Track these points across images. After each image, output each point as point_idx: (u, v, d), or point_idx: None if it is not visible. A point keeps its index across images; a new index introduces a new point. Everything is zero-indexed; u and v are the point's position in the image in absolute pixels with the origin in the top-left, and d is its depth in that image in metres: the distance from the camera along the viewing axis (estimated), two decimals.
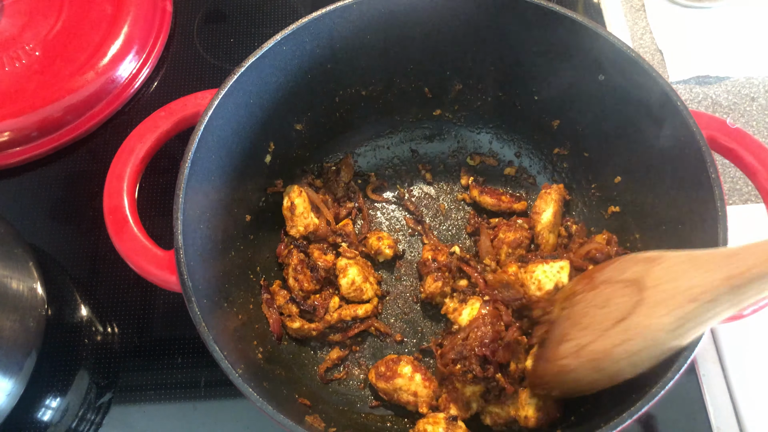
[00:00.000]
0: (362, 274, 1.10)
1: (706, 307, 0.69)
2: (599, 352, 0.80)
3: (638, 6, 1.52)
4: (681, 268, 0.74)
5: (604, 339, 0.79)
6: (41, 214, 1.27)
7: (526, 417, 0.94)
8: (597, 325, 0.81)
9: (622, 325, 0.77)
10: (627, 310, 0.77)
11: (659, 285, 0.75)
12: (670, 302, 0.72)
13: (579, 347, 0.83)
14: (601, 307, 0.83)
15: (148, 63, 1.40)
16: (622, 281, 0.81)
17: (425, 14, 1.07)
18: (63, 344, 1.13)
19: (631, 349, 0.76)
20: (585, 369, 0.82)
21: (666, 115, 0.94)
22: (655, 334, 0.74)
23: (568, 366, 0.84)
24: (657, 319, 0.73)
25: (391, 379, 1.00)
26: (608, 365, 0.80)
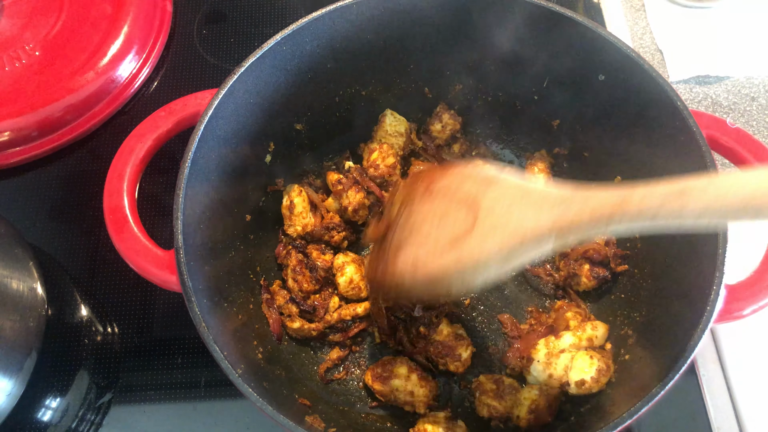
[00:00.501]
0: (360, 272, 1.10)
1: (532, 244, 0.74)
2: (434, 269, 0.82)
3: (638, 6, 1.52)
4: (513, 201, 0.77)
5: (439, 258, 0.81)
6: (41, 214, 1.27)
7: (518, 417, 0.95)
8: (433, 241, 0.83)
9: (457, 248, 0.80)
10: (461, 231, 0.80)
11: (491, 215, 0.78)
12: (500, 235, 0.76)
13: (415, 263, 0.84)
14: (438, 219, 0.84)
15: (148, 63, 1.40)
16: (458, 198, 0.83)
17: (425, 14, 1.07)
18: (63, 344, 1.13)
19: (464, 271, 0.80)
20: (420, 285, 0.85)
21: (666, 115, 0.94)
22: (486, 261, 0.77)
23: (404, 282, 0.86)
24: (488, 249, 0.77)
25: (387, 381, 1.00)
26: (441, 281, 0.82)
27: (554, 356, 0.98)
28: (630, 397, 0.82)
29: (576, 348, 0.99)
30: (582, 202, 0.71)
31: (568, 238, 0.72)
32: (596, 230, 0.70)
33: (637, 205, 0.66)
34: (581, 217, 0.70)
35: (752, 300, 0.86)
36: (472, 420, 1.03)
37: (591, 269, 1.07)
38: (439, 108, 1.22)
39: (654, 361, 0.88)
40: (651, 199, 0.65)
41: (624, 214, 0.67)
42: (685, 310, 0.87)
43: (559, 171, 1.21)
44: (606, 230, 0.70)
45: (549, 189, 0.77)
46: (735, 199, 0.60)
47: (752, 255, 0.91)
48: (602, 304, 1.09)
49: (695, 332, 0.80)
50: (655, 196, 0.65)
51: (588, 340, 1.00)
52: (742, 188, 0.60)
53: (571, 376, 0.96)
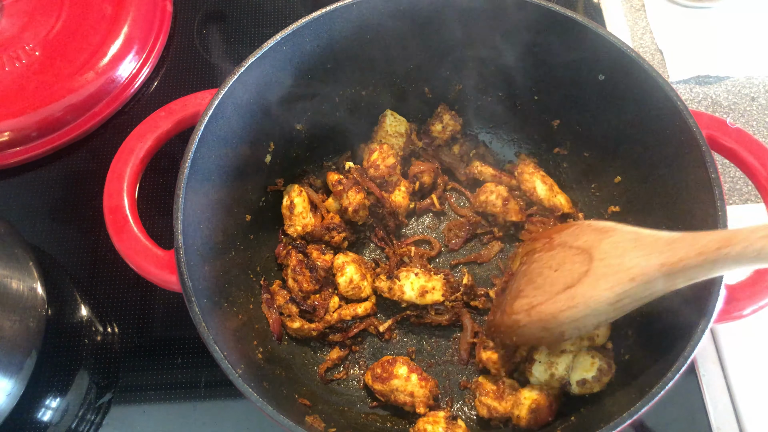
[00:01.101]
0: (360, 271, 1.10)
1: (643, 287, 0.78)
2: (547, 314, 0.88)
3: (638, 6, 1.52)
4: (626, 246, 0.82)
5: (553, 303, 0.87)
6: (41, 214, 1.27)
7: (518, 416, 0.95)
8: (549, 287, 0.90)
9: (570, 292, 0.85)
10: (576, 278, 0.85)
11: (606, 258, 0.83)
12: (612, 278, 0.81)
13: (530, 306, 0.91)
14: (554, 269, 0.91)
15: (148, 63, 1.40)
16: (575, 247, 0.89)
17: (425, 14, 1.07)
18: (63, 344, 1.13)
19: (575, 316, 0.85)
20: (534, 327, 0.90)
21: (666, 115, 0.94)
22: (597, 305, 0.82)
23: (519, 322, 0.92)
24: (600, 291, 0.82)
25: (387, 381, 1.00)
26: (554, 326, 0.88)
27: (556, 356, 0.98)
28: (630, 397, 0.82)
29: (577, 348, 0.99)
30: (689, 244, 0.74)
31: (676, 279, 0.75)
32: (703, 271, 0.73)
33: (742, 243, 0.69)
34: (689, 258, 0.73)
35: (752, 300, 0.86)
36: (472, 420, 1.03)
37: None
38: (440, 108, 1.22)
39: (654, 361, 0.88)
40: (754, 239, 0.68)
41: (729, 252, 0.70)
42: (685, 310, 0.87)
43: (559, 171, 1.21)
44: (713, 272, 0.73)
45: (660, 233, 0.80)
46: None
47: None
48: None
49: (695, 332, 0.80)
50: (758, 236, 0.68)
51: (589, 339, 1.00)
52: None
53: (572, 376, 0.96)
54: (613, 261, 0.82)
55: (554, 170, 1.21)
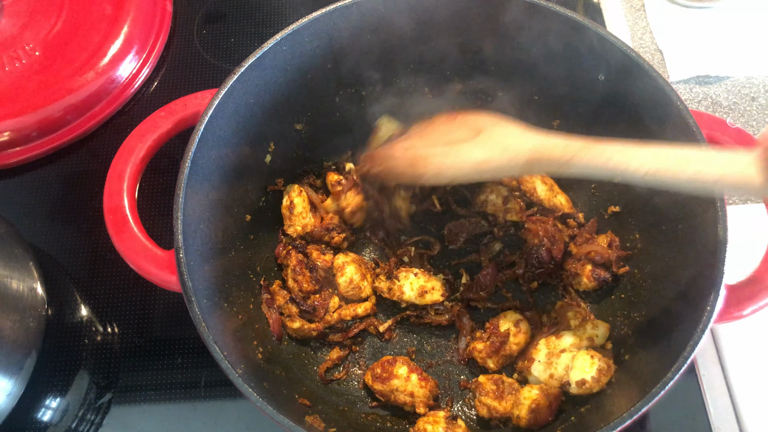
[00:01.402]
0: (360, 272, 1.10)
1: (506, 161, 0.90)
2: (420, 155, 0.99)
3: (638, 6, 1.52)
4: (513, 131, 0.93)
5: (430, 149, 0.99)
6: (41, 214, 1.27)
7: (518, 416, 0.95)
8: (432, 140, 1.02)
9: (447, 147, 0.97)
10: (458, 141, 0.97)
11: (492, 136, 0.94)
12: (487, 145, 0.93)
13: (410, 147, 1.02)
14: (445, 133, 1.01)
15: (148, 63, 1.40)
16: (470, 125, 0.99)
17: (425, 14, 1.07)
18: (63, 344, 1.13)
19: (441, 163, 0.95)
20: (403, 162, 1.01)
21: (666, 115, 0.94)
22: (464, 160, 0.93)
23: (394, 155, 1.04)
24: (471, 152, 0.93)
25: (387, 381, 1.00)
26: (419, 167, 0.98)
27: (555, 356, 0.98)
28: (630, 397, 0.82)
29: (576, 347, 0.99)
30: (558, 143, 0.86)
31: (535, 167, 0.89)
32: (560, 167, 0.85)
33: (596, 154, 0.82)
34: (552, 152, 0.86)
35: (752, 300, 0.86)
36: (472, 420, 1.03)
37: (593, 270, 1.07)
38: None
39: (654, 361, 0.89)
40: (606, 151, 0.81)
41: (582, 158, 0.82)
42: (685, 310, 0.87)
43: None
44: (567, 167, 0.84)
45: (544, 133, 0.90)
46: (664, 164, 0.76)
47: (752, 255, 0.91)
48: (602, 304, 1.10)
49: (695, 332, 0.80)
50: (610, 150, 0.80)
51: (588, 339, 1.00)
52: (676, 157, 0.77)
53: (571, 376, 0.96)
54: (495, 138, 0.93)
55: None
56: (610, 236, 1.10)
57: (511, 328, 1.02)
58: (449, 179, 0.98)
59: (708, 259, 0.85)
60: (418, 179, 1.02)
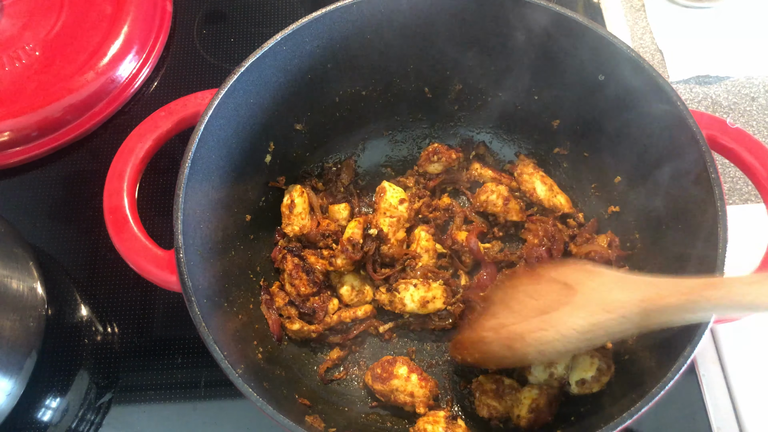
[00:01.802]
0: (358, 277, 1.10)
1: (618, 321, 0.78)
2: (515, 333, 0.87)
3: (638, 6, 1.52)
4: (611, 285, 0.82)
5: (525, 324, 0.87)
6: (41, 214, 1.27)
7: (518, 416, 0.95)
8: (524, 311, 0.90)
9: (544, 317, 0.85)
10: (553, 307, 0.85)
11: (588, 293, 0.83)
12: (589, 308, 0.81)
13: (501, 325, 0.90)
14: (534, 298, 0.90)
15: (148, 63, 1.40)
16: (560, 282, 0.88)
17: (425, 14, 1.07)
18: (63, 344, 1.13)
19: (543, 339, 0.84)
20: (498, 345, 0.90)
21: (666, 115, 0.94)
22: (567, 331, 0.82)
23: (486, 338, 0.92)
24: (573, 319, 0.82)
25: (387, 381, 1.00)
26: (519, 347, 0.87)
27: None
28: (630, 397, 0.82)
29: None
30: (674, 284, 0.75)
31: (653, 318, 0.76)
32: (682, 312, 0.74)
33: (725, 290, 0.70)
34: (671, 296, 0.74)
35: None
36: (472, 420, 1.03)
37: None
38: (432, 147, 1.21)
39: (654, 361, 0.88)
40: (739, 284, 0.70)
41: (711, 296, 0.71)
42: None
43: (559, 171, 1.21)
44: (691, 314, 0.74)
45: (646, 276, 0.80)
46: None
47: (752, 255, 0.91)
48: None
49: (695, 332, 0.80)
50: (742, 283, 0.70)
51: None
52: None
53: (571, 376, 0.96)
54: (594, 296, 0.82)
55: (554, 170, 1.21)
56: (610, 236, 1.10)
57: None
58: (556, 355, 0.89)
59: (708, 259, 0.85)
60: (521, 362, 0.93)
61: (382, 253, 1.10)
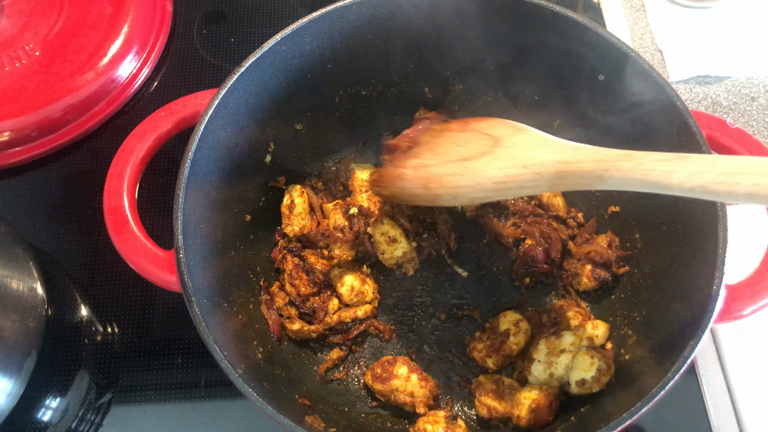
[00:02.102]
0: (359, 277, 1.10)
1: (531, 177, 0.81)
2: (433, 174, 0.90)
3: (638, 6, 1.52)
4: (535, 143, 0.84)
5: (444, 166, 0.90)
6: (41, 214, 1.27)
7: (519, 416, 0.95)
8: (446, 156, 0.92)
9: (463, 163, 0.88)
10: (474, 155, 0.88)
11: (511, 147, 0.86)
12: (507, 161, 0.84)
13: (422, 165, 0.93)
14: (458, 144, 0.93)
15: (148, 63, 1.40)
16: (486, 134, 0.90)
17: (425, 14, 1.07)
18: (63, 344, 1.13)
19: (458, 183, 0.87)
20: (415, 182, 0.93)
21: (666, 115, 0.94)
22: (482, 179, 0.85)
23: (405, 175, 0.94)
24: (490, 169, 0.84)
25: (387, 381, 1.00)
26: (434, 187, 0.90)
27: (555, 356, 0.98)
28: (630, 397, 0.82)
29: (576, 347, 0.99)
30: (589, 154, 0.78)
31: (565, 180, 0.78)
32: (592, 179, 0.76)
33: (636, 161, 0.73)
34: (582, 165, 0.76)
35: (752, 300, 0.86)
36: (472, 420, 1.03)
37: (593, 270, 1.07)
38: (419, 113, 1.22)
39: (654, 361, 0.89)
40: (650, 158, 0.72)
41: (622, 167, 0.73)
42: (685, 310, 0.87)
43: None
44: (601, 183, 0.76)
45: (568, 141, 0.82)
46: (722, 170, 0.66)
47: (752, 255, 0.91)
48: (602, 304, 1.10)
49: (695, 332, 0.80)
50: (654, 156, 0.72)
51: (588, 339, 1.00)
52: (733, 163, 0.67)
53: (571, 376, 0.96)
54: (516, 151, 0.84)
55: None
56: (610, 236, 1.10)
57: (511, 328, 1.02)
58: (468, 200, 0.91)
59: (708, 259, 0.85)
60: (432, 201, 0.94)
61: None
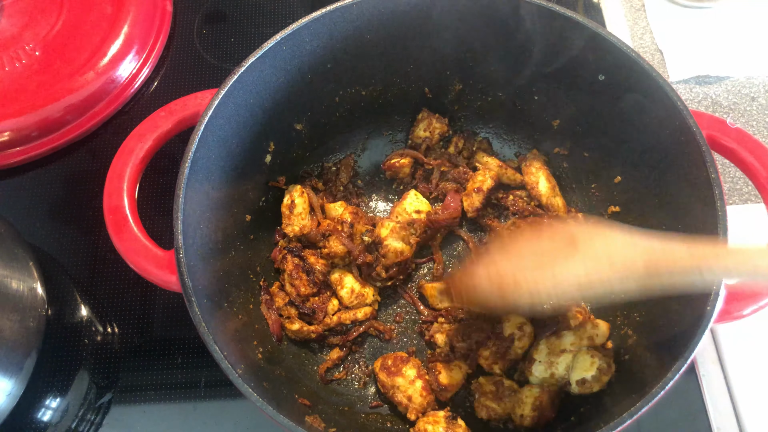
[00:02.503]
0: (359, 280, 1.10)
1: (619, 278, 0.75)
2: (509, 281, 0.84)
3: (638, 6, 1.52)
4: (617, 242, 0.78)
5: (518, 273, 0.84)
6: (41, 214, 1.27)
7: (522, 415, 0.95)
8: (518, 261, 0.87)
9: (540, 269, 0.82)
10: (553, 261, 0.82)
11: (593, 248, 0.79)
12: (590, 263, 0.78)
13: (495, 271, 0.88)
14: (531, 250, 0.87)
15: (148, 63, 1.40)
16: (564, 237, 0.84)
17: (425, 14, 1.07)
18: (63, 344, 1.13)
19: (537, 290, 0.81)
20: (491, 291, 0.87)
21: (666, 115, 0.94)
22: (564, 286, 0.79)
23: (480, 284, 0.89)
24: (572, 274, 0.78)
25: (393, 375, 1.00)
26: (509, 294, 0.84)
27: (555, 356, 0.98)
28: (630, 397, 0.82)
29: (577, 347, 0.99)
30: (683, 250, 0.73)
31: (657, 280, 0.73)
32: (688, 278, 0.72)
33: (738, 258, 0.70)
34: (679, 260, 0.72)
35: (752, 300, 0.86)
36: (472, 420, 1.03)
37: None
38: (422, 114, 1.23)
39: (654, 361, 0.88)
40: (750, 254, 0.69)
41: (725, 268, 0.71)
42: (685, 310, 0.87)
43: (559, 171, 1.21)
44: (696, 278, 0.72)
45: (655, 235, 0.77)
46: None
47: None
48: (602, 304, 1.09)
49: (695, 332, 0.80)
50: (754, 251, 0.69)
51: (589, 338, 1.00)
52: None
53: (572, 376, 0.96)
54: (599, 249, 0.79)
55: (554, 170, 1.21)
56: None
57: (516, 332, 1.02)
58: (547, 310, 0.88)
59: None
60: (507, 307, 0.90)
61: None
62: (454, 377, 1.01)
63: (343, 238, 1.09)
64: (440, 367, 1.02)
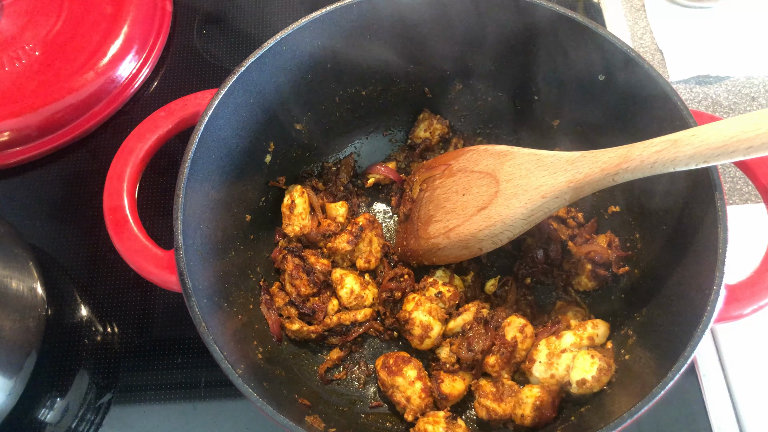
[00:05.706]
0: (359, 281, 1.10)
1: (553, 201, 0.89)
2: (466, 234, 0.97)
3: (638, 6, 1.52)
4: (529, 167, 0.92)
5: (470, 224, 0.97)
6: (41, 214, 1.27)
7: (522, 415, 0.95)
8: (461, 210, 0.99)
9: (485, 213, 0.95)
10: (486, 199, 0.95)
11: (512, 179, 0.93)
12: (523, 196, 0.91)
13: (447, 229, 1.00)
14: (461, 193, 0.99)
15: (148, 63, 1.41)
16: (477, 172, 0.97)
17: (425, 14, 1.07)
18: (63, 344, 1.13)
19: (493, 232, 0.95)
20: (453, 247, 1.00)
21: (666, 115, 0.94)
22: (513, 221, 0.92)
23: (438, 245, 1.01)
24: (514, 210, 0.92)
25: (393, 374, 1.00)
26: (473, 244, 0.98)
27: (555, 356, 0.98)
28: (630, 397, 0.82)
29: (577, 347, 0.99)
30: (591, 163, 0.85)
31: (582, 191, 0.86)
32: (605, 182, 0.84)
33: (638, 158, 0.79)
34: (592, 175, 0.84)
35: (752, 300, 0.86)
36: (472, 420, 1.03)
37: (593, 270, 1.07)
38: (423, 115, 1.23)
39: (654, 361, 0.89)
40: (649, 151, 0.78)
41: (627, 167, 0.81)
42: (685, 310, 0.87)
43: None
44: (613, 183, 0.83)
45: (558, 153, 0.89)
46: (716, 143, 0.72)
47: (752, 255, 0.91)
48: (602, 304, 1.09)
49: (695, 332, 0.80)
50: (652, 148, 0.78)
51: (589, 338, 1.00)
52: (721, 134, 0.72)
53: (572, 376, 0.96)
54: (520, 181, 0.91)
55: None
56: (609, 236, 1.10)
57: (518, 335, 1.02)
58: (507, 239, 0.96)
59: (708, 259, 0.85)
60: (477, 253, 1.00)
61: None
62: (457, 387, 1.00)
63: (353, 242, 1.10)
64: (443, 376, 1.01)
